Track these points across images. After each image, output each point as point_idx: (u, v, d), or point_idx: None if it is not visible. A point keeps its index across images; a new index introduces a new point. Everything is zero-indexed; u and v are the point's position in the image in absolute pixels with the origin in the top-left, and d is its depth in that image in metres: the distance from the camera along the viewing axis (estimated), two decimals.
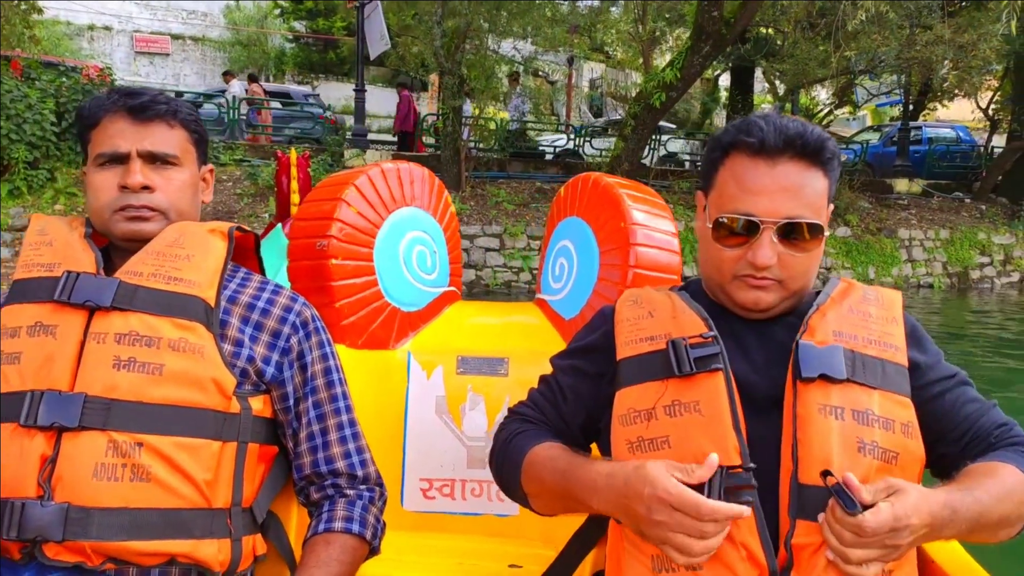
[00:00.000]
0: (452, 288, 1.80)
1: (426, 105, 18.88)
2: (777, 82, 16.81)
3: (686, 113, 21.41)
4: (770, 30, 13.96)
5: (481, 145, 12.82)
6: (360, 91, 12.34)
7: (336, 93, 22.77)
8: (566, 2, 13.28)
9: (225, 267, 1.19)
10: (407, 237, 1.69)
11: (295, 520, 1.32)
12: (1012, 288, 12.83)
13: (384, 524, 1.24)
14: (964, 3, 10.59)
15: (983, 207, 14.14)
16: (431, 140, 13.63)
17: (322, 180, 1.72)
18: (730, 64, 15.95)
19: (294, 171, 7.62)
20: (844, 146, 17.11)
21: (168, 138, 1.21)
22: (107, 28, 24.29)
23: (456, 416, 1.60)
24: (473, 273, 10.43)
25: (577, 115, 19.78)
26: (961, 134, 17.18)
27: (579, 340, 1.23)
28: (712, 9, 9.94)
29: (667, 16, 15.26)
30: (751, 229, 1.05)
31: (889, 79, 15.44)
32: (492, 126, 13.11)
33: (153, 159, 1.19)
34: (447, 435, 1.59)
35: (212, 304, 1.14)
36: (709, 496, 0.89)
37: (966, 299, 11.80)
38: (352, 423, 1.26)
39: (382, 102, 21.87)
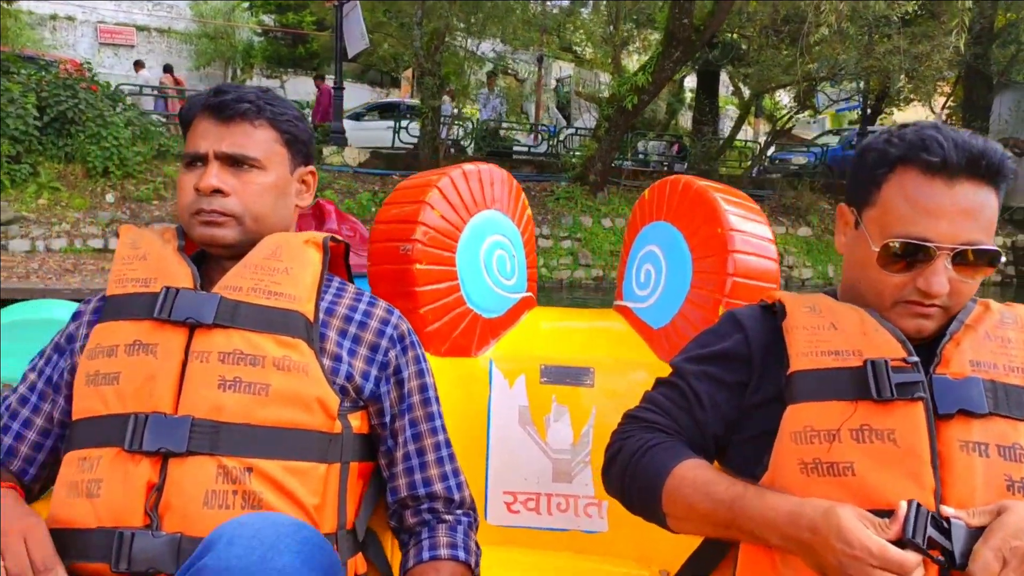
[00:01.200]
0: (529, 294, 1.74)
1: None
2: (742, 86, 17.34)
3: (652, 114, 21.82)
4: (735, 35, 14.44)
5: (463, 143, 13.05)
6: (339, 88, 12.50)
7: (305, 88, 22.75)
8: (538, 2, 13.56)
9: (322, 279, 1.14)
10: (488, 241, 1.64)
11: (389, 535, 1.27)
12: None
13: (480, 550, 1.19)
14: (919, 13, 11.16)
15: None
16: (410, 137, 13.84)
17: (400, 182, 1.69)
18: (696, 68, 16.41)
19: None
20: (805, 149, 17.74)
21: (250, 139, 1.14)
22: (70, 18, 23.90)
23: (540, 427, 1.54)
24: None
25: (546, 114, 20.08)
26: None
27: (708, 345, 1.13)
28: (683, 16, 10.36)
29: (635, 18, 15.65)
30: (922, 254, 0.98)
31: (849, 86, 16.06)
32: (469, 125, 13.36)
33: (232, 161, 1.13)
34: (531, 447, 1.53)
35: (311, 319, 1.09)
36: (910, 539, 0.85)
37: None
38: (448, 444, 1.21)
39: (353, 97, 21.93)
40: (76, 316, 1.18)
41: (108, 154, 9.67)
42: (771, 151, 16.57)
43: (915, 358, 0.97)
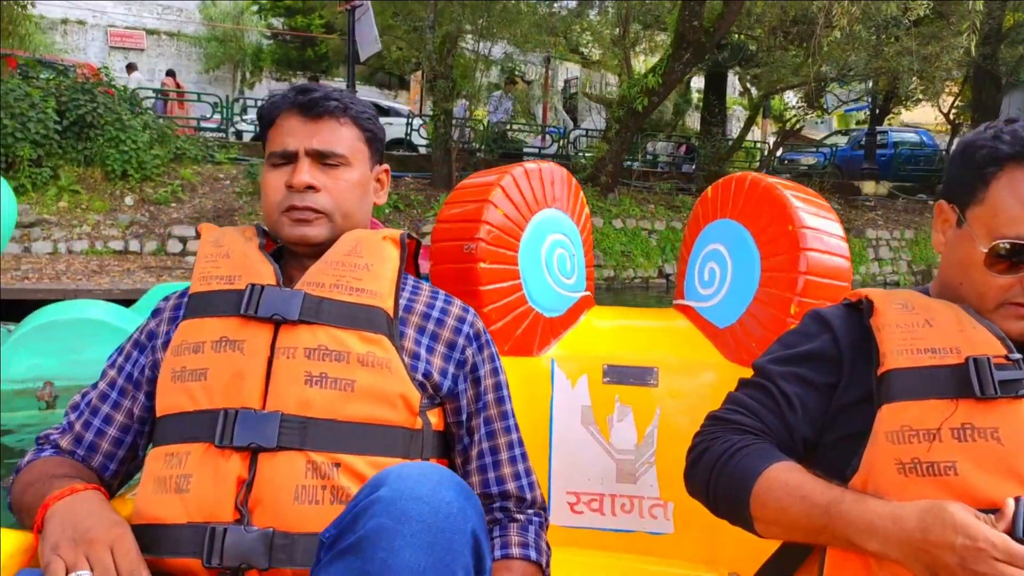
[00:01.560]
0: (588, 293, 1.73)
1: (404, 104, 19.12)
2: (750, 87, 17.40)
3: (660, 115, 21.86)
4: (744, 36, 14.51)
5: (475, 145, 13.14)
6: (351, 91, 12.64)
7: None
8: (545, 1, 13.61)
9: (400, 275, 1.15)
10: (548, 240, 1.64)
11: None
12: None
13: (551, 550, 1.19)
14: (928, 14, 11.22)
15: None
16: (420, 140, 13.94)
17: (461, 181, 1.70)
18: (705, 69, 16.48)
19: None
20: (815, 149, 17.79)
21: (337, 136, 1.16)
22: (81, 22, 24.10)
23: (603, 427, 1.53)
24: None
25: (554, 116, 20.17)
26: (924, 138, 17.94)
27: (795, 346, 1.12)
28: (693, 18, 10.44)
29: (642, 19, 15.72)
30: None
31: (858, 87, 16.12)
32: (481, 127, 13.46)
33: (321, 158, 1.15)
34: (594, 447, 1.53)
35: (392, 315, 1.10)
36: (1019, 536, 0.83)
37: None
38: (520, 443, 1.22)
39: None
40: (156, 313, 1.19)
41: (127, 157, 9.78)
42: (780, 152, 16.61)
43: (1017, 355, 0.96)
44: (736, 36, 14.47)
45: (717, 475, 1.04)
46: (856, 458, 0.98)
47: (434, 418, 1.13)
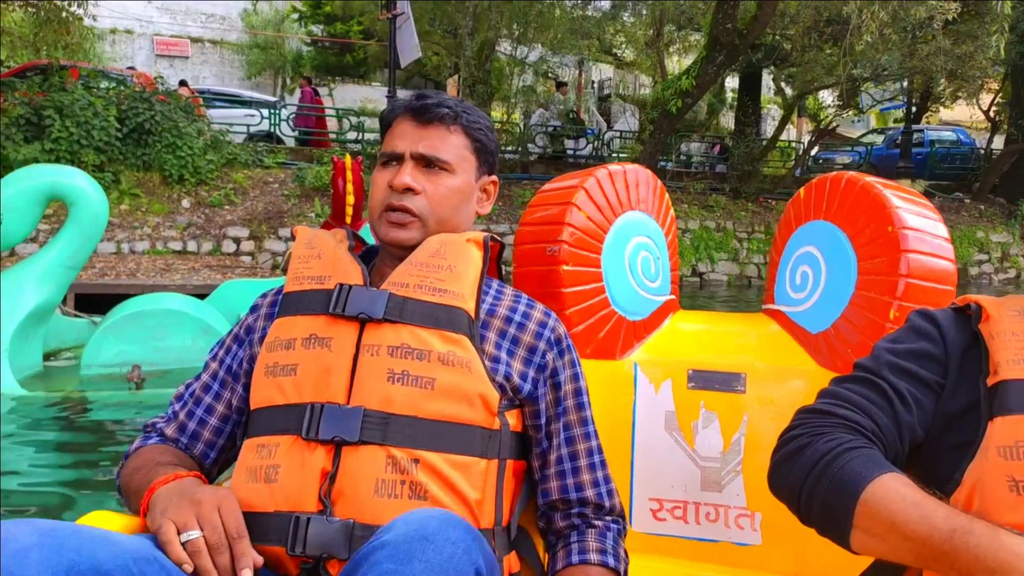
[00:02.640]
0: (672, 296, 1.71)
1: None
2: (784, 86, 17.48)
3: (693, 115, 21.95)
4: (778, 36, 14.62)
5: (509, 148, 13.45)
6: (391, 97, 13.06)
7: (352, 95, 23.43)
8: (579, 4, 13.81)
9: (482, 278, 1.17)
10: (632, 242, 1.63)
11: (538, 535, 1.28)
12: (1009, 284, 13.52)
13: (628, 557, 1.19)
14: (961, 13, 11.25)
15: (982, 207, 14.82)
16: None
17: (545, 185, 1.71)
18: (739, 70, 16.61)
19: (349, 175, 8.36)
20: (850, 148, 17.78)
21: (445, 143, 1.20)
22: (128, 31, 24.93)
23: (688, 434, 1.51)
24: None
25: (587, 117, 20.41)
26: (961, 136, 17.82)
27: (902, 342, 1.06)
28: (726, 21, 10.64)
29: (676, 20, 15.89)
30: None
31: (893, 86, 16.10)
32: (516, 131, 13.79)
33: (426, 162, 1.19)
34: (678, 453, 1.51)
35: (473, 316, 1.12)
36: None
37: (966, 293, 12.47)
38: (599, 450, 1.22)
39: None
40: (253, 309, 1.24)
41: (183, 163, 10.33)
42: (815, 151, 16.64)
43: None
44: (771, 36, 14.60)
45: (819, 475, 0.93)
46: (959, 472, 0.93)
47: (512, 419, 1.14)
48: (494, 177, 1.30)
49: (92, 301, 6.36)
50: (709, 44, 11.09)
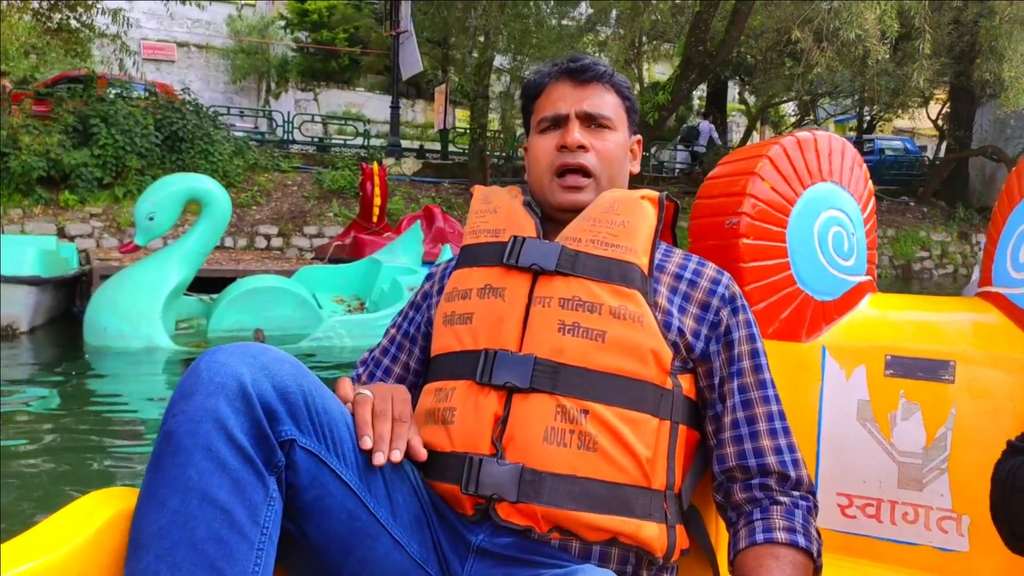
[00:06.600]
0: (869, 277, 1.59)
1: (420, 113, 20.46)
2: (747, 96, 18.88)
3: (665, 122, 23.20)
4: (742, 51, 16.03)
5: (497, 155, 14.59)
6: (395, 108, 14.20)
7: (337, 100, 24.29)
8: (564, 4, 14.73)
9: (656, 235, 1.15)
10: (822, 216, 1.52)
11: (714, 515, 1.22)
12: (947, 279, 14.96)
13: (822, 540, 1.07)
14: (900, 38, 12.71)
15: (925, 209, 16.26)
16: (456, 149, 15.51)
17: (727, 155, 1.63)
18: (708, 83, 18.02)
19: (376, 179, 9.67)
20: None
21: (605, 101, 1.22)
22: (116, 36, 25.48)
23: (883, 425, 1.40)
24: None
25: None
26: (908, 145, 19.29)
27: None
28: (698, 44, 11.98)
29: (650, 33, 17.17)
30: None
31: (845, 101, 17.51)
32: (511, 139, 15.01)
33: (590, 121, 1.20)
34: (872, 446, 1.41)
35: (646, 272, 1.11)
36: None
37: (908, 286, 13.91)
38: (782, 415, 1.13)
39: (380, 109, 23.23)
40: (429, 277, 1.31)
41: (215, 167, 11.36)
42: None
43: None
44: (736, 53, 15.98)
45: None
46: None
47: (685, 383, 1.11)
48: (639, 136, 1.31)
49: (202, 283, 7.49)
50: (682, 64, 12.37)
